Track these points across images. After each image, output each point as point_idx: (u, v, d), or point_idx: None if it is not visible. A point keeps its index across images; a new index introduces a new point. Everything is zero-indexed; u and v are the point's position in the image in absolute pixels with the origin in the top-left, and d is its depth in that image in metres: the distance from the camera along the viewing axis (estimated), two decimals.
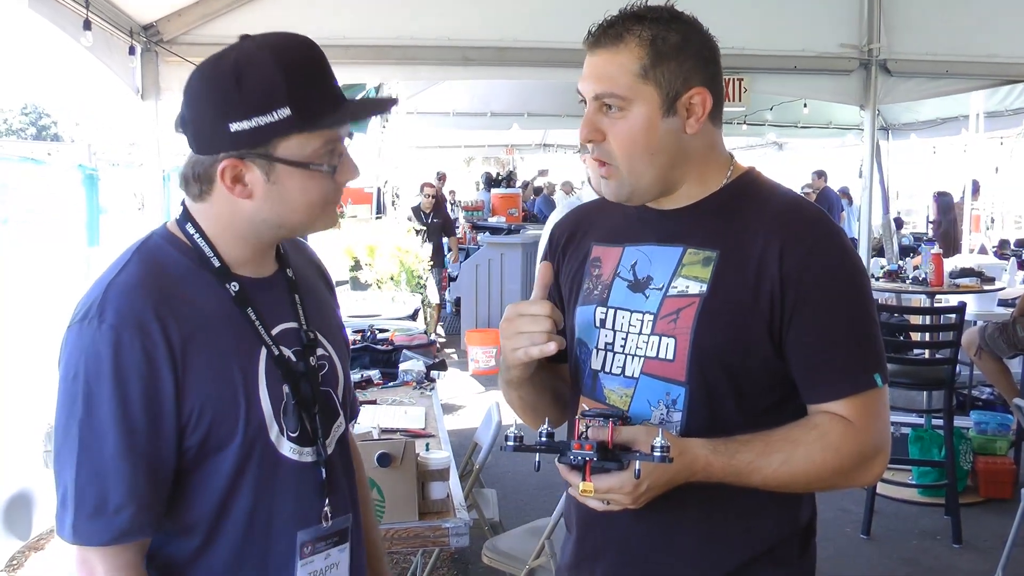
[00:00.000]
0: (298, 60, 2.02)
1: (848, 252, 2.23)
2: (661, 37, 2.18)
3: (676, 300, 2.24)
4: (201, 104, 2.04)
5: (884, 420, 2.24)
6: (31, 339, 5.23)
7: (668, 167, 2.25)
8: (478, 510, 5.76)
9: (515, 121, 17.27)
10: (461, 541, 3.78)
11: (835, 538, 6.97)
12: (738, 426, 2.19)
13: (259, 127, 1.97)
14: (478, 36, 8.19)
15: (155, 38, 7.37)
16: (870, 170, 9.43)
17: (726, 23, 8.65)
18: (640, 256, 2.36)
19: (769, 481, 2.15)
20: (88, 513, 1.94)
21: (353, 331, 7.03)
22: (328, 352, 2.32)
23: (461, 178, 28.91)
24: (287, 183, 2.03)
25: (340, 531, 2.26)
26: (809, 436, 2.16)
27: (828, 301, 2.17)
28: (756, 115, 16.53)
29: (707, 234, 2.26)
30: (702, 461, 2.12)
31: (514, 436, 2.15)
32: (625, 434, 2.10)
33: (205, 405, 2.01)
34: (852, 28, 8.81)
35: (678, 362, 2.21)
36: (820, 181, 18.26)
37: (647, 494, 2.10)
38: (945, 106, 14.11)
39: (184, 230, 2.13)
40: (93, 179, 7.00)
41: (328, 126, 2.04)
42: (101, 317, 1.94)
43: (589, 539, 2.47)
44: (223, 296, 2.10)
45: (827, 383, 2.19)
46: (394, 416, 5.22)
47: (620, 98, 2.19)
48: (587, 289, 2.45)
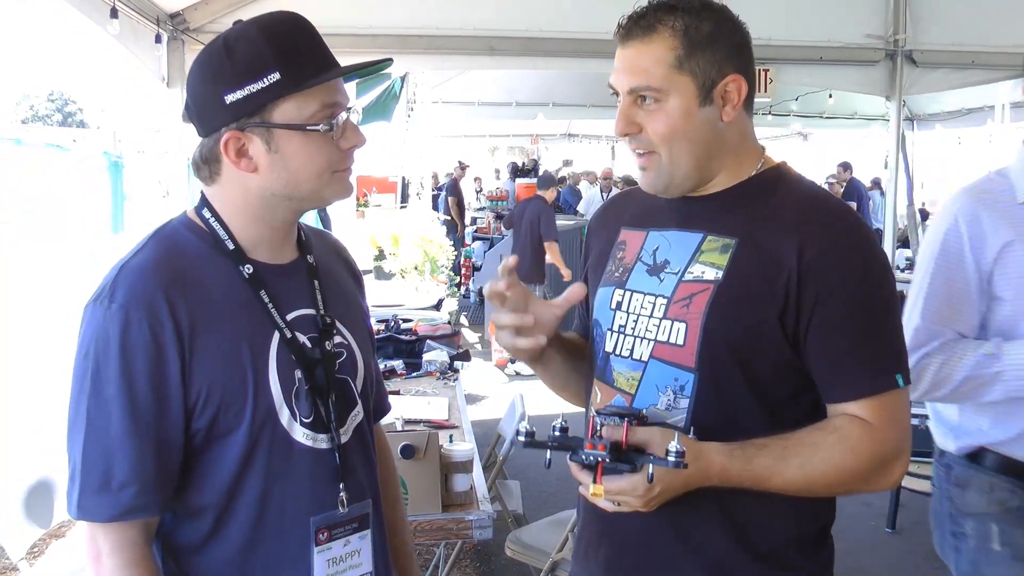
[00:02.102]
0: (284, 29, 2.07)
1: (873, 249, 2.20)
2: (694, 26, 2.17)
3: (691, 285, 2.23)
4: (198, 84, 2.09)
5: (905, 422, 2.19)
6: (55, 326, 5.25)
7: (705, 156, 2.24)
8: (501, 502, 5.76)
9: (540, 111, 17.26)
10: (484, 534, 3.78)
11: (860, 532, 6.96)
12: (751, 417, 2.18)
13: (251, 94, 2.01)
14: (504, 26, 8.21)
15: (181, 26, 7.40)
16: (895, 161, 9.41)
17: (752, 13, 8.55)
18: (662, 241, 2.35)
19: (788, 486, 2.13)
20: (93, 489, 1.98)
21: (377, 321, 7.02)
22: (347, 341, 2.31)
23: (487, 167, 28.87)
24: (287, 149, 2.05)
25: (359, 517, 2.26)
26: (828, 440, 2.13)
27: (849, 298, 2.13)
28: (781, 105, 16.47)
29: (729, 222, 2.25)
30: (717, 467, 2.10)
31: (526, 431, 2.14)
32: (640, 435, 2.08)
33: (213, 388, 2.02)
34: (878, 19, 8.79)
35: (688, 348, 2.19)
36: (846, 173, 18.18)
37: (659, 498, 2.09)
38: (970, 97, 14.03)
39: (201, 215, 2.16)
40: (118, 166, 7.03)
41: (318, 83, 2.05)
42: (112, 297, 1.98)
43: (591, 527, 2.47)
44: (237, 279, 2.11)
45: (846, 383, 2.15)
46: (417, 407, 5.23)
47: (656, 90, 2.17)
48: (609, 271, 2.45)
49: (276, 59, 2.00)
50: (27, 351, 5.33)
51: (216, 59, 2.05)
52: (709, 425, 2.17)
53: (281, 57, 2.01)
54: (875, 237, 2.26)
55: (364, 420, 2.34)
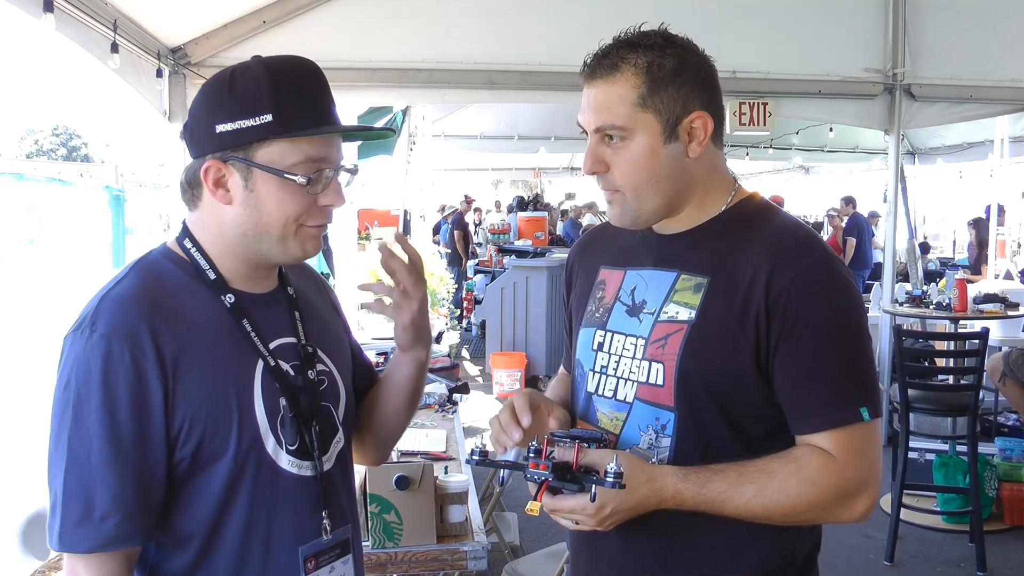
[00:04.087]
0: (290, 74, 2.09)
1: (840, 280, 2.20)
2: (656, 63, 2.18)
3: (666, 326, 2.25)
4: (198, 107, 2.12)
5: (871, 455, 2.18)
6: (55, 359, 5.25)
7: (673, 192, 2.25)
8: (498, 533, 5.77)
9: (542, 144, 17.35)
10: (479, 564, 3.78)
11: (858, 564, 6.93)
12: (734, 452, 2.18)
13: (240, 129, 2.03)
14: (503, 60, 8.29)
15: (183, 61, 7.47)
16: (895, 195, 9.43)
17: (751, 48, 8.75)
18: (639, 280, 2.37)
19: (743, 512, 2.13)
20: (74, 520, 1.95)
21: (376, 353, 7.03)
22: (329, 368, 2.33)
23: (490, 201, 28.91)
24: (263, 190, 2.07)
25: (341, 543, 2.27)
26: (786, 468, 2.13)
27: (815, 330, 2.13)
28: (782, 139, 16.54)
29: (701, 260, 2.26)
30: (671, 489, 2.12)
31: (479, 451, 2.19)
32: (591, 456, 2.12)
33: (196, 417, 2.01)
34: (877, 53, 8.86)
35: (667, 388, 2.21)
36: (849, 207, 18.16)
37: (612, 517, 2.12)
38: (971, 131, 14.11)
39: (182, 245, 2.17)
40: (120, 200, 7.05)
41: (310, 134, 2.07)
42: (93, 327, 1.97)
43: (581, 560, 2.49)
44: (219, 309, 2.12)
45: (810, 414, 2.15)
46: (415, 439, 5.22)
47: (621, 129, 2.19)
48: (590, 312, 2.48)
49: (272, 102, 2.03)
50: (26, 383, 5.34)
51: (218, 88, 2.08)
52: (691, 462, 2.18)
53: (278, 101, 2.03)
54: (845, 270, 2.25)
55: (345, 447, 2.36)
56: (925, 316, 9.05)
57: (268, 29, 7.67)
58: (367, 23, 8.02)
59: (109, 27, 5.90)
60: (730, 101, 8.79)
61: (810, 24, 8.85)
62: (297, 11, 7.74)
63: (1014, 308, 8.72)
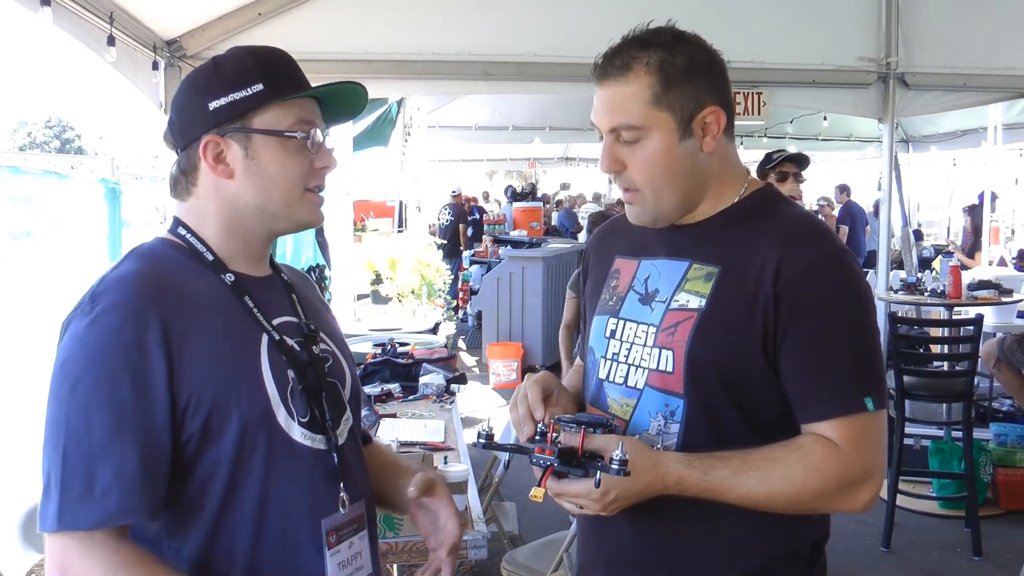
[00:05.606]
0: (270, 53, 2.23)
1: (849, 272, 2.22)
2: (668, 62, 2.19)
3: (676, 313, 2.27)
4: (184, 95, 2.21)
5: (875, 445, 2.20)
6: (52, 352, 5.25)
7: (689, 188, 2.28)
8: (497, 523, 5.79)
9: (537, 135, 17.36)
10: (479, 553, 3.80)
11: (855, 551, 6.96)
12: (744, 439, 2.19)
13: (235, 100, 2.12)
14: (498, 51, 8.28)
15: (178, 53, 7.46)
16: (888, 182, 9.45)
17: (744, 37, 8.75)
18: (652, 270, 2.40)
19: (745, 499, 2.15)
20: (75, 495, 1.90)
21: (373, 344, 7.06)
22: (331, 349, 2.37)
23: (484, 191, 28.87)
24: (264, 156, 2.14)
25: (357, 518, 2.27)
26: (791, 456, 2.14)
27: (822, 321, 2.15)
28: (777, 128, 16.57)
29: (713, 250, 2.29)
30: (674, 476, 2.14)
31: (485, 434, 2.22)
32: (597, 442, 2.14)
33: (204, 390, 2.01)
34: (870, 41, 8.85)
35: (676, 374, 2.24)
36: (843, 196, 18.14)
37: (616, 503, 2.14)
38: (965, 119, 14.13)
39: (176, 233, 2.21)
40: (115, 193, 7.05)
41: (299, 95, 2.18)
42: (93, 304, 1.98)
43: (590, 546, 2.52)
44: (220, 288, 2.15)
45: (815, 404, 2.17)
46: (413, 429, 5.23)
47: (635, 128, 2.21)
48: (604, 300, 2.50)
49: (260, 73, 2.14)
50: (23, 377, 5.35)
51: (204, 74, 2.18)
52: (699, 449, 2.19)
53: (265, 72, 2.15)
54: (854, 261, 2.27)
55: (354, 425, 2.38)
56: (920, 303, 9.05)
57: (263, 21, 7.65)
58: (362, 15, 8.00)
59: (106, 20, 5.90)
60: None
61: (803, 13, 8.83)
62: (292, 3, 7.70)
63: (1008, 294, 8.72)
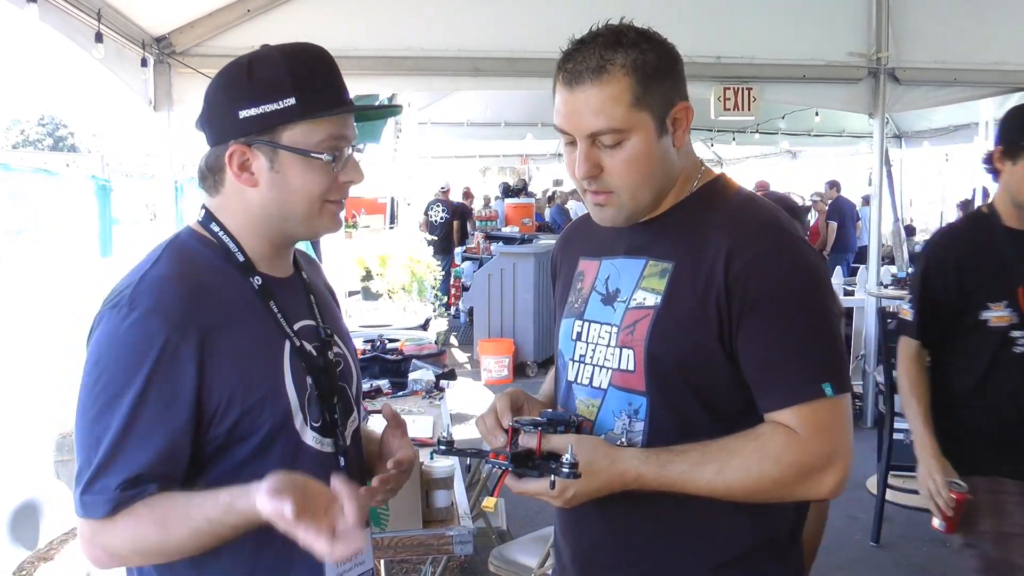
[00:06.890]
0: (307, 60, 2.17)
1: (800, 257, 2.20)
2: (642, 60, 2.15)
3: (635, 312, 2.27)
4: (216, 95, 2.18)
5: (837, 431, 2.17)
6: (43, 349, 5.27)
7: (661, 186, 2.27)
8: (485, 519, 5.78)
9: (529, 131, 17.35)
10: (465, 549, 3.79)
11: (844, 546, 6.96)
12: (711, 432, 2.19)
13: (265, 113, 2.10)
14: (488, 47, 8.31)
15: (167, 50, 7.46)
16: (879, 178, 9.46)
17: (735, 33, 8.77)
18: (612, 269, 2.40)
19: (705, 491, 2.15)
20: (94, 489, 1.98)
21: (363, 341, 7.05)
22: (343, 351, 2.41)
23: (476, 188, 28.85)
24: (289, 171, 2.14)
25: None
26: (748, 446, 2.14)
27: (775, 308, 2.14)
28: (769, 123, 16.53)
29: (667, 245, 2.28)
30: (632, 472, 2.15)
31: (445, 440, 2.24)
32: (554, 442, 2.17)
33: (233, 396, 2.06)
34: (861, 37, 8.88)
35: (637, 373, 2.24)
36: (833, 191, 18.17)
37: (575, 499, 2.16)
38: (957, 114, 14.13)
39: (208, 228, 2.23)
40: (106, 190, 7.05)
41: (331, 115, 2.14)
42: (132, 306, 2.02)
43: (567, 542, 2.52)
44: (247, 290, 2.19)
45: (773, 392, 2.16)
46: None
47: (618, 131, 2.16)
48: (570, 302, 2.51)
49: (294, 86, 2.10)
50: (13, 373, 5.35)
51: (237, 76, 2.15)
52: (666, 444, 2.20)
53: (298, 84, 2.11)
54: (806, 246, 2.27)
55: (359, 426, 2.44)
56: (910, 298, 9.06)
57: (252, 17, 7.66)
58: (351, 11, 8.03)
59: (93, 16, 5.90)
60: (714, 86, 8.84)
61: (794, 8, 8.86)
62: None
63: None
